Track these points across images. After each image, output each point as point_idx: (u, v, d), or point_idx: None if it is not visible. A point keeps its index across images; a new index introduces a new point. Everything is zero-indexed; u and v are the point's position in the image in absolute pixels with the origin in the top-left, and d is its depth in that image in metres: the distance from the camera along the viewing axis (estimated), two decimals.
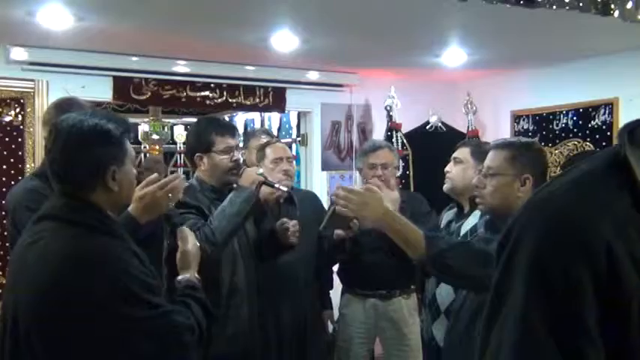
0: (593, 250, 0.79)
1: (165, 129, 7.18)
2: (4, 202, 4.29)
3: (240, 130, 7.21)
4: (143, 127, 7.22)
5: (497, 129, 5.50)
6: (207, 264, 2.55)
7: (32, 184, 2.39)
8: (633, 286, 0.79)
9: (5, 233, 4.09)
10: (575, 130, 4.92)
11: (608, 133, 4.67)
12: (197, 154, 2.69)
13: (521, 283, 0.83)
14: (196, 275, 1.91)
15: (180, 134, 8.25)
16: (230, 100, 5.12)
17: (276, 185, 2.79)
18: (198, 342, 1.67)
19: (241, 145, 4.30)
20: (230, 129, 2.72)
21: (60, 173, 1.60)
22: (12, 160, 4.34)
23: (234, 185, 2.64)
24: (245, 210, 2.56)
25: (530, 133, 5.27)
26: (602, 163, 0.89)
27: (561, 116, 5.00)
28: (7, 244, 3.02)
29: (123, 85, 4.68)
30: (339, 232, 3.12)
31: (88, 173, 1.58)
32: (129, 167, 1.65)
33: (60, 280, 1.48)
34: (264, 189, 2.76)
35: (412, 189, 5.01)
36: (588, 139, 4.82)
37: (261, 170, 2.76)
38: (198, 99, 5.01)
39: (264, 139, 3.57)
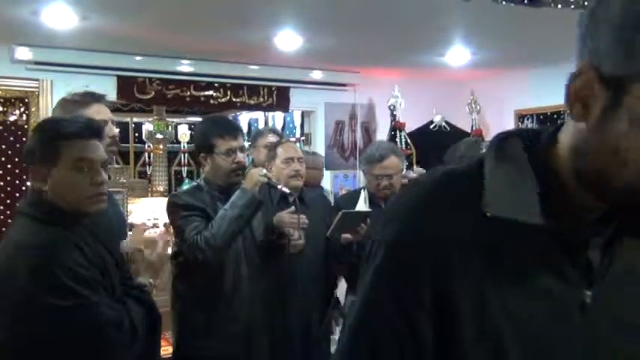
0: (431, 252, 0.76)
1: (169, 128, 7.18)
2: (7, 201, 4.32)
3: (244, 129, 7.21)
4: (147, 127, 7.23)
5: (501, 128, 5.36)
6: (209, 266, 2.56)
7: None
8: (462, 295, 0.75)
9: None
10: None
11: None
12: (201, 155, 2.72)
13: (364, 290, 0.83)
14: (151, 281, 1.92)
15: (184, 133, 8.26)
16: (234, 100, 5.13)
17: (279, 187, 2.79)
18: (131, 341, 1.66)
19: (248, 144, 4.31)
20: (232, 130, 2.71)
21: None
22: (17, 159, 4.35)
23: (242, 184, 2.65)
24: (247, 212, 2.55)
25: None
26: (460, 171, 0.84)
27: (565, 115, 4.97)
28: None
29: (127, 85, 4.68)
30: (346, 235, 3.13)
31: (30, 171, 1.69)
32: (62, 171, 1.65)
33: (1, 270, 1.56)
34: (285, 217, 2.81)
35: None
36: None
37: (264, 171, 2.76)
38: (202, 98, 5.01)
39: (271, 138, 3.58)
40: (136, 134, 7.90)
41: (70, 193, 1.65)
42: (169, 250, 2.07)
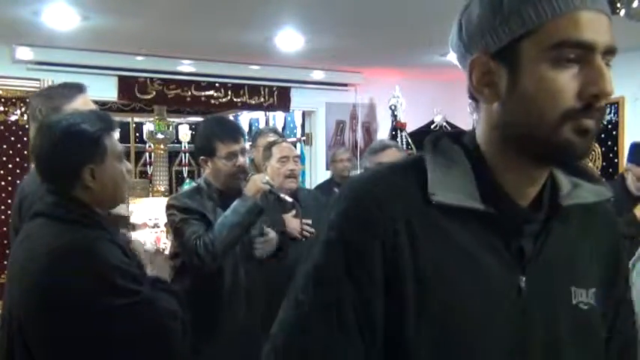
0: (381, 228, 0.80)
1: (170, 128, 7.19)
2: (9, 200, 4.33)
3: (245, 129, 7.22)
4: (148, 127, 7.24)
5: None
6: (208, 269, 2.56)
7: None
8: (408, 273, 0.80)
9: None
10: None
11: (614, 133, 4.65)
12: (201, 158, 2.69)
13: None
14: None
15: (184, 133, 8.26)
16: (235, 100, 5.13)
17: (282, 195, 2.77)
18: (184, 330, 1.67)
19: (249, 144, 4.30)
20: (233, 134, 2.67)
21: (42, 172, 1.64)
22: (17, 159, 4.35)
23: (243, 191, 2.63)
24: (248, 220, 2.53)
25: None
26: (403, 162, 0.94)
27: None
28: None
29: (128, 85, 4.69)
30: None
31: (64, 172, 1.60)
32: (111, 164, 1.62)
33: (43, 275, 1.50)
34: (293, 222, 2.83)
35: None
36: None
37: (267, 178, 2.74)
38: (203, 98, 5.02)
39: (271, 137, 3.58)
40: (137, 134, 7.91)
41: (116, 186, 1.64)
42: (167, 252, 2.06)
